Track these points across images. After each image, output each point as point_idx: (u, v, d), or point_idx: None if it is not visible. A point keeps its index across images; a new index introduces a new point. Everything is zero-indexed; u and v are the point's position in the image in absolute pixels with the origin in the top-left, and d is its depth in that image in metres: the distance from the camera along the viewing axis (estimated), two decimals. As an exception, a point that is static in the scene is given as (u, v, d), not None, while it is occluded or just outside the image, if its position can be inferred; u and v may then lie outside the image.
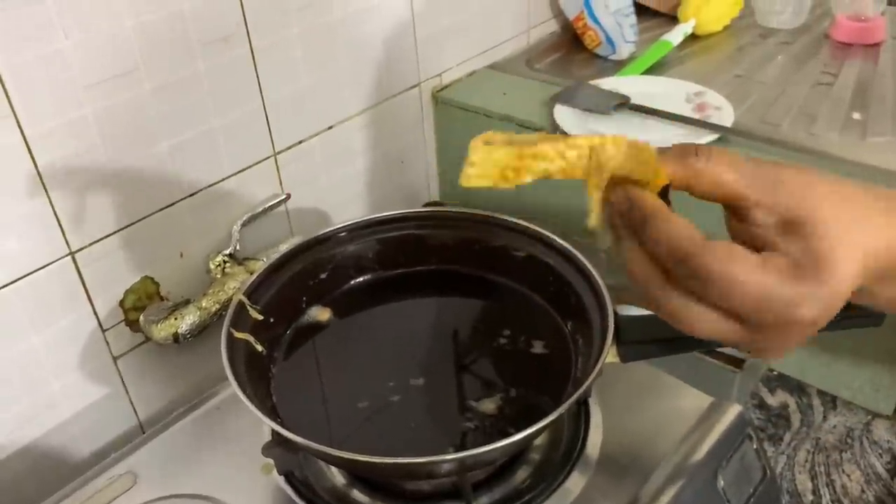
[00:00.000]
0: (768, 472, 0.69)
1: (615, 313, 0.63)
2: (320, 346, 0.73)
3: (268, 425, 0.57)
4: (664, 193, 0.44)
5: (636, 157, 0.43)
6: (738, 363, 0.80)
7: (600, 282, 0.66)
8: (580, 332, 0.68)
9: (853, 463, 0.79)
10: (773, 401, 0.88)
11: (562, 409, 0.56)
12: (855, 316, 0.47)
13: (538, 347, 0.70)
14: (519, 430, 0.55)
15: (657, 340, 0.62)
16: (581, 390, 0.57)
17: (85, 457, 0.81)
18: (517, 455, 0.67)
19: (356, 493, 0.66)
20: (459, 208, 0.78)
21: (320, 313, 0.76)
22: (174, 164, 0.77)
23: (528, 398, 0.66)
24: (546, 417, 0.55)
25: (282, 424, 0.58)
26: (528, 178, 0.45)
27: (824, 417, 0.85)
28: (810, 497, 0.76)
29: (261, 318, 0.70)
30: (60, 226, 0.70)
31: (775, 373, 0.91)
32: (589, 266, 0.68)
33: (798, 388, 0.89)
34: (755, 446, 0.68)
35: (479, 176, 0.47)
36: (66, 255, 0.72)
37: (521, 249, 0.75)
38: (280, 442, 0.61)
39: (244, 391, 0.58)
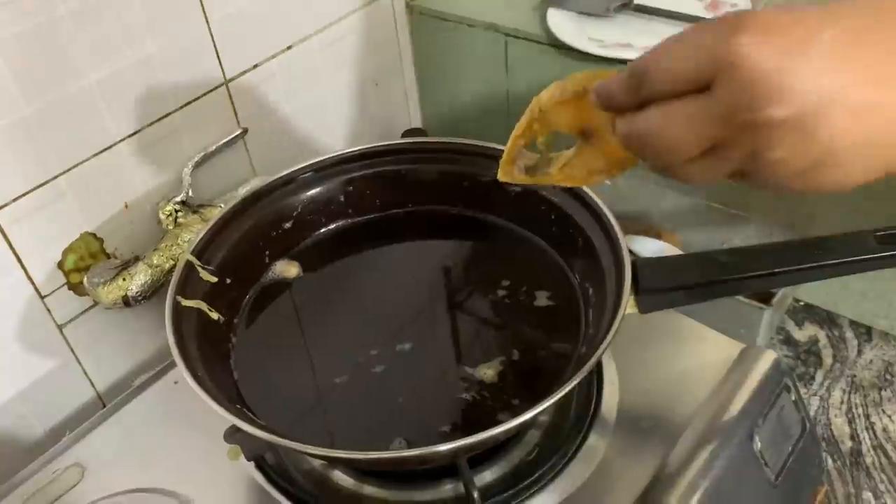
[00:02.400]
0: (808, 425, 0.61)
1: (632, 257, 0.53)
2: (288, 308, 0.63)
3: (221, 415, 0.47)
4: None
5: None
6: (766, 299, 0.70)
7: (612, 220, 0.56)
8: (590, 279, 0.58)
9: (895, 402, 0.71)
10: (800, 335, 0.79)
11: (576, 380, 0.46)
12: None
13: (542, 299, 0.61)
14: (524, 400, 0.47)
15: (681, 287, 0.53)
16: (598, 354, 0.47)
17: (38, 437, 0.73)
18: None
19: (338, 476, 0.58)
20: (442, 138, 0.67)
21: (286, 269, 0.66)
22: (106, 100, 0.67)
23: (534, 361, 0.57)
24: (557, 391, 0.46)
25: (246, 408, 0.49)
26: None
27: (859, 352, 0.77)
28: (849, 443, 0.69)
29: (215, 280, 0.60)
30: (-29, 181, 0.60)
31: (802, 303, 0.82)
32: (598, 201, 0.58)
33: (828, 320, 0.80)
34: (793, 397, 0.60)
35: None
36: (-15, 215, 0.62)
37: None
38: (244, 427, 0.52)
39: (194, 374, 0.49)
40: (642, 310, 0.54)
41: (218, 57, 0.74)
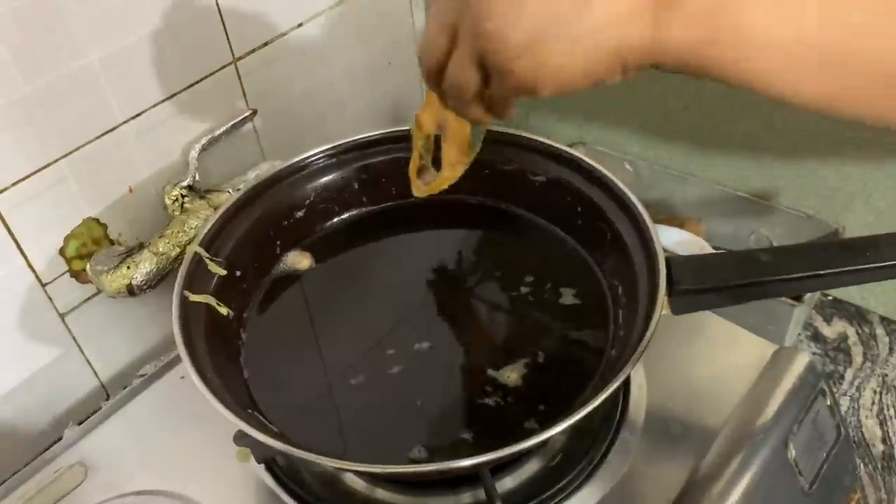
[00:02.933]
0: (842, 431, 0.58)
1: (666, 254, 0.50)
2: (300, 302, 0.60)
3: (233, 423, 0.44)
4: None
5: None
6: (797, 296, 0.67)
7: (644, 214, 0.53)
8: (619, 276, 0.55)
9: (928, 403, 0.69)
10: (829, 332, 0.76)
11: (610, 388, 0.43)
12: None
13: (567, 297, 0.58)
14: (551, 406, 0.44)
15: (717, 288, 0.50)
16: (633, 360, 0.44)
17: (41, 427, 0.71)
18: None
19: (351, 479, 0.55)
20: (462, 123, 0.63)
21: (298, 260, 0.63)
22: (109, 79, 0.64)
23: (560, 364, 0.54)
24: (590, 401, 0.43)
25: (256, 410, 0.47)
26: None
27: (891, 350, 0.74)
28: (880, 446, 0.66)
29: (224, 272, 0.57)
30: (-32, 165, 0.57)
31: (830, 298, 0.79)
32: (629, 194, 0.54)
33: (858, 316, 0.77)
34: (829, 402, 0.57)
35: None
36: (-17, 200, 0.59)
37: (540, 173, 0.61)
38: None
39: (203, 376, 0.46)
40: (675, 311, 0.51)
41: (226, 34, 0.71)
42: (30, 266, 0.64)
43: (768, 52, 0.38)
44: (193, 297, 0.53)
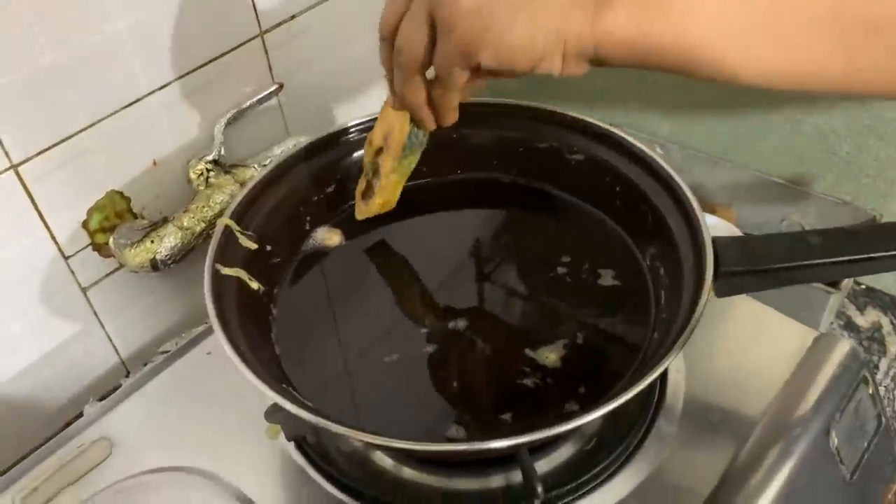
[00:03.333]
0: (883, 420, 0.57)
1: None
2: (332, 278, 0.59)
3: (272, 399, 0.43)
4: None
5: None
6: (833, 283, 0.66)
7: (688, 193, 0.52)
8: (661, 258, 0.54)
9: (964, 395, 0.67)
10: (862, 321, 0.75)
11: (656, 371, 0.42)
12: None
13: (607, 278, 0.56)
14: (592, 388, 0.42)
15: (764, 270, 0.48)
16: (680, 343, 0.43)
17: (62, 403, 0.71)
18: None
19: (380, 458, 0.54)
20: (496, 99, 0.62)
21: (329, 237, 0.62)
22: (135, 48, 0.62)
23: (600, 345, 0.53)
24: (634, 384, 0.42)
25: (290, 387, 0.45)
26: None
27: (926, 340, 0.72)
28: (916, 437, 0.64)
29: (255, 246, 0.55)
30: (-6, 133, 0.56)
31: (863, 286, 0.78)
32: (672, 173, 0.53)
33: (892, 305, 0.76)
34: (871, 391, 0.56)
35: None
36: (8, 169, 0.58)
37: (578, 151, 0.60)
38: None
39: (237, 349, 0.45)
40: (718, 293, 0.50)
41: (254, 6, 0.69)
42: (52, 238, 0.63)
43: (716, 20, 0.38)
44: (225, 270, 0.52)
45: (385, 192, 0.59)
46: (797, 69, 0.40)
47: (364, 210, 0.61)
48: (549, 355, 0.52)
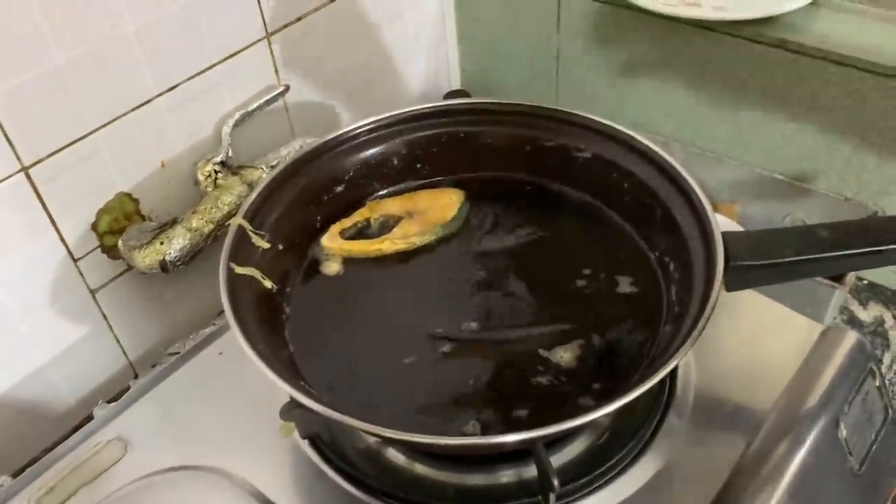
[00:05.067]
0: (890, 412, 0.57)
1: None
2: (344, 279, 0.59)
3: (288, 393, 0.43)
4: None
5: None
6: (838, 278, 0.67)
7: (697, 189, 0.52)
8: (670, 253, 0.54)
9: (967, 388, 0.68)
10: (864, 315, 0.76)
11: (671, 364, 0.42)
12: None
13: (618, 277, 0.56)
14: (605, 383, 0.42)
15: (774, 264, 0.49)
16: (693, 336, 0.44)
17: (70, 405, 0.70)
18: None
19: (393, 455, 0.54)
20: (505, 99, 0.62)
21: (329, 265, 0.62)
22: (145, 50, 0.63)
23: (613, 341, 0.53)
24: (650, 376, 0.42)
25: (306, 384, 0.45)
26: None
27: (928, 334, 0.73)
28: (920, 430, 0.65)
29: (267, 246, 0.56)
30: (6, 135, 0.56)
31: (865, 282, 0.78)
32: (680, 170, 0.53)
33: (894, 299, 0.76)
34: (878, 383, 0.56)
35: None
36: (18, 172, 0.58)
37: (585, 149, 0.60)
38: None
39: (254, 346, 0.45)
40: (728, 288, 0.50)
41: (260, 8, 0.70)
42: (62, 240, 0.63)
43: None
44: (239, 269, 0.52)
45: (385, 244, 0.61)
46: None
47: (346, 245, 0.61)
48: (564, 355, 0.52)
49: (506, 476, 0.53)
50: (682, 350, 0.43)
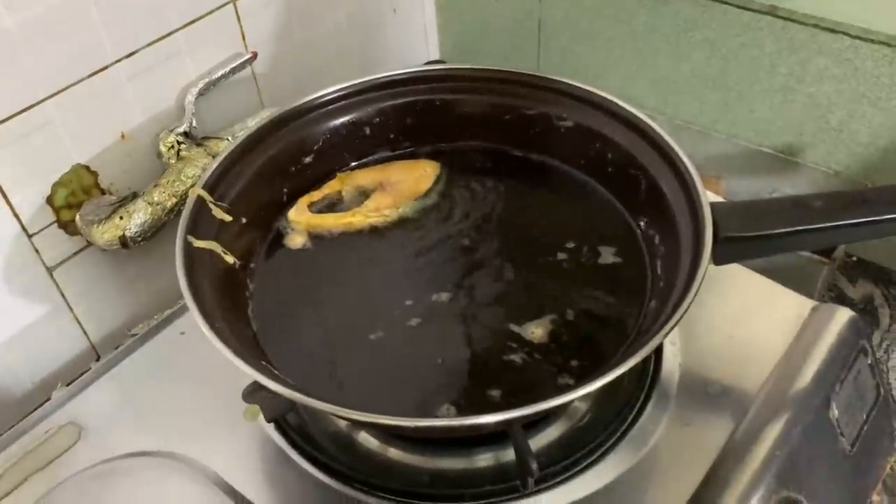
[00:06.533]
0: (882, 391, 0.55)
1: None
2: (311, 252, 0.56)
3: (248, 374, 0.40)
4: None
5: None
6: (827, 253, 0.64)
7: (684, 159, 0.49)
8: (656, 226, 0.52)
9: (958, 366, 0.66)
10: (854, 293, 0.74)
11: (658, 339, 0.40)
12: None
13: (601, 248, 0.54)
14: (584, 362, 0.40)
15: (765, 236, 0.47)
16: (681, 310, 0.41)
17: (27, 389, 0.67)
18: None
19: (365, 439, 0.52)
20: (482, 65, 0.59)
21: (293, 238, 0.59)
22: (101, 13, 0.59)
23: (592, 317, 0.51)
24: (634, 353, 0.40)
25: (269, 364, 0.43)
26: None
27: (919, 311, 0.71)
28: (911, 410, 0.63)
29: (229, 218, 0.53)
30: (-52, 102, 0.53)
31: (854, 258, 0.76)
32: (666, 138, 0.51)
33: (884, 277, 0.75)
34: (870, 361, 0.54)
35: None
36: (-37, 142, 0.55)
37: (567, 117, 0.57)
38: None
39: (212, 325, 0.42)
40: (717, 261, 0.48)
41: (225, -31, 0.66)
42: (15, 215, 0.60)
43: None
44: (198, 243, 0.49)
45: (357, 217, 0.59)
46: None
47: (314, 218, 0.59)
48: (536, 331, 0.49)
49: (483, 460, 0.51)
50: (666, 327, 0.41)
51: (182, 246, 0.48)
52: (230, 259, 0.52)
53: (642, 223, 0.54)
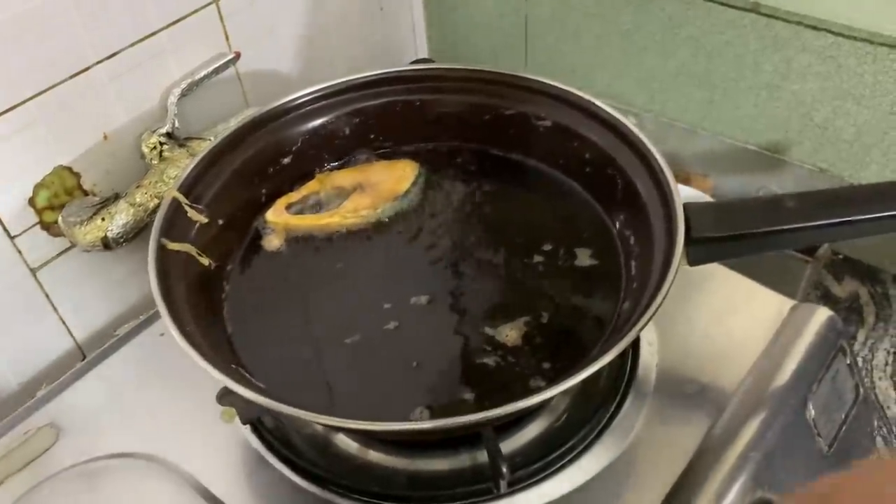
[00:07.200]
0: (861, 391, 0.55)
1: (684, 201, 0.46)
2: (289, 255, 0.56)
3: (217, 378, 0.41)
4: None
5: None
6: (810, 252, 0.64)
7: (660, 159, 0.49)
8: (630, 225, 0.52)
9: (943, 365, 0.66)
10: (839, 291, 0.73)
11: (628, 339, 0.40)
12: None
13: (576, 249, 0.54)
14: (557, 363, 0.40)
15: (739, 237, 0.46)
16: (652, 310, 0.41)
17: (12, 391, 0.67)
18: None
19: (343, 441, 0.52)
20: (461, 64, 0.59)
21: (269, 240, 0.59)
22: (82, 13, 0.59)
23: (565, 318, 0.50)
24: (604, 353, 0.40)
25: (241, 367, 0.43)
26: None
27: (904, 309, 0.71)
28: (895, 408, 0.63)
29: (205, 220, 0.53)
30: (-74, 104, 0.53)
31: (841, 256, 0.76)
32: (641, 137, 0.51)
33: (870, 275, 0.75)
34: (848, 361, 0.54)
35: None
36: (-57, 144, 0.55)
37: (545, 117, 0.57)
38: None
39: (182, 328, 0.42)
40: (691, 262, 0.48)
41: (207, -32, 0.66)
42: (-4, 216, 0.60)
43: None
44: (172, 245, 0.49)
45: (335, 219, 0.59)
46: None
47: (293, 218, 0.59)
48: (510, 333, 0.49)
49: (459, 461, 0.51)
50: (636, 326, 0.41)
51: (155, 248, 0.48)
52: (205, 261, 0.52)
53: (618, 223, 0.54)
